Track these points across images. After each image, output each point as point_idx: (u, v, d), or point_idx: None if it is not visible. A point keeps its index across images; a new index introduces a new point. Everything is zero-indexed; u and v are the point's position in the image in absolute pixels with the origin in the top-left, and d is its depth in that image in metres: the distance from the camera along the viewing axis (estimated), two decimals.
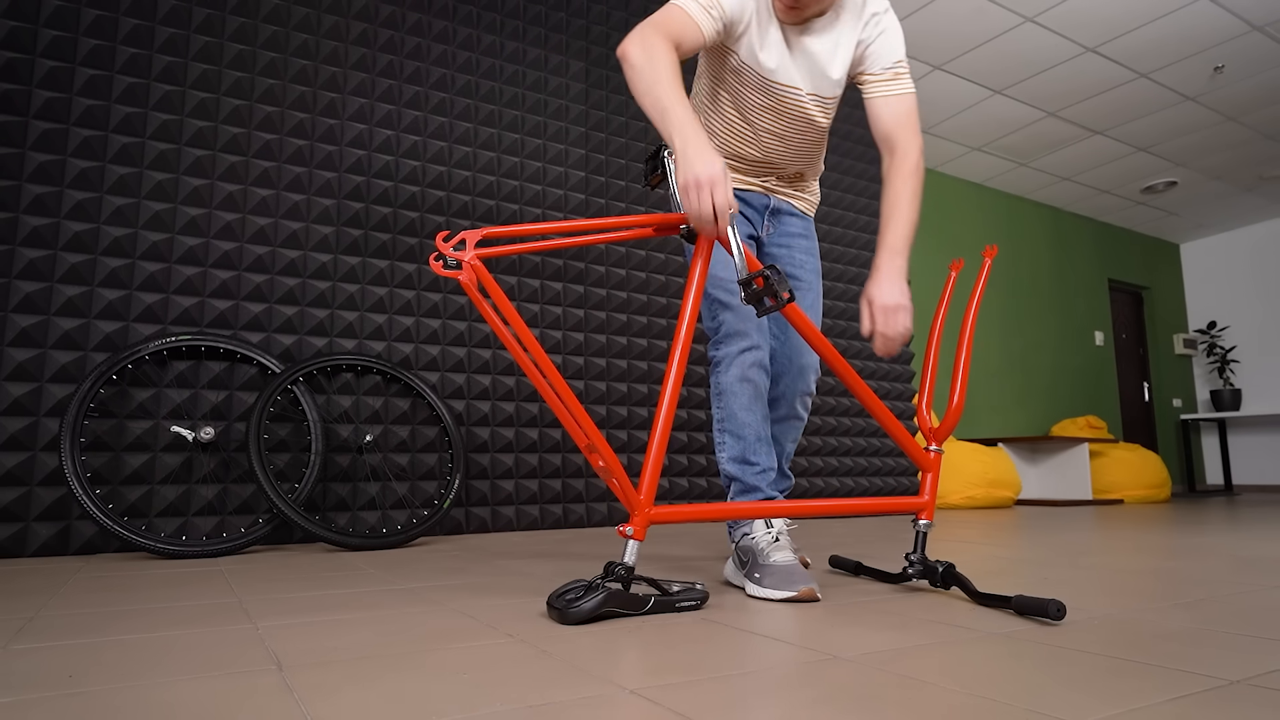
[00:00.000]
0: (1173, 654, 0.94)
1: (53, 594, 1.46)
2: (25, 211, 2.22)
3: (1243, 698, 0.76)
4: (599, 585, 1.17)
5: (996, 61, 4.46)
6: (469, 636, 1.06)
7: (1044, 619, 1.14)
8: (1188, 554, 2.03)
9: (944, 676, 0.84)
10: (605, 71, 3.38)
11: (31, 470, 2.13)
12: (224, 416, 2.40)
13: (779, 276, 1.23)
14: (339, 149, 2.72)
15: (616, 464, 1.25)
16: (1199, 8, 3.95)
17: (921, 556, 1.41)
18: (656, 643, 1.02)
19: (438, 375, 2.79)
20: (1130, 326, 7.39)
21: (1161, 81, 4.68)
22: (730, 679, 0.84)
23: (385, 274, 2.74)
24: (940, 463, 1.49)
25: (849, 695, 0.78)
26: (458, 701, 0.76)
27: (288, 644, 1.03)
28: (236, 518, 2.36)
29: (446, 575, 1.68)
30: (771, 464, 1.59)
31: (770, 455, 1.59)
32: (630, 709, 0.74)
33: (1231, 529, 2.84)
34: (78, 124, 2.32)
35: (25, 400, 2.14)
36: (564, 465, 3.00)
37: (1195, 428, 7.55)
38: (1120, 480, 5.16)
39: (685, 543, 2.37)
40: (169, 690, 0.81)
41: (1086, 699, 0.76)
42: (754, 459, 1.57)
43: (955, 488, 4.29)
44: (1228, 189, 6.43)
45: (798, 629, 1.10)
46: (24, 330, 2.17)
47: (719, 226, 1.25)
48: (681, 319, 1.33)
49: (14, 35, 2.26)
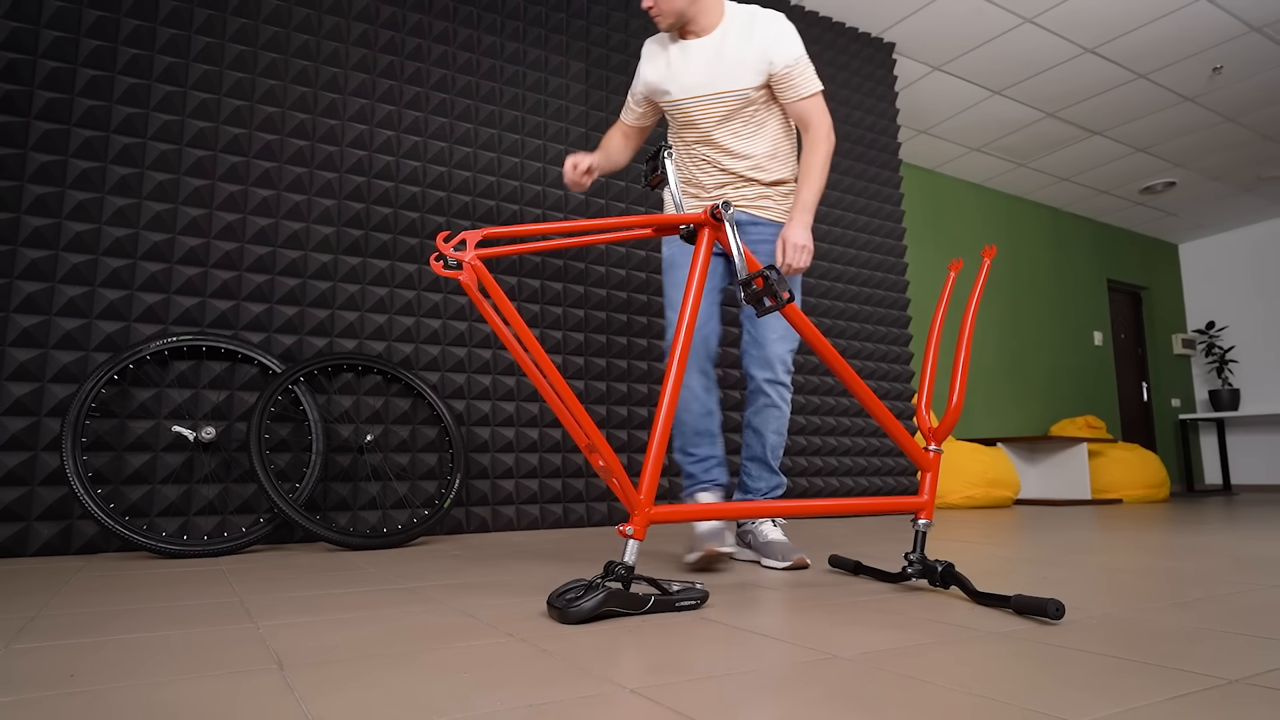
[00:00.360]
0: (1171, 653, 0.94)
1: (54, 593, 1.46)
2: (27, 212, 2.22)
3: (1241, 696, 0.76)
4: (599, 585, 1.17)
5: (996, 62, 4.46)
6: (470, 635, 1.06)
7: (1043, 618, 1.14)
8: (1186, 553, 2.03)
9: (943, 675, 0.84)
10: (605, 72, 3.38)
11: (33, 470, 2.13)
12: (225, 416, 2.40)
13: (779, 277, 1.23)
14: (340, 149, 2.72)
15: (616, 464, 1.25)
16: (1198, 8, 3.94)
17: (921, 556, 1.41)
18: (656, 642, 1.02)
19: (438, 375, 2.79)
20: (1129, 326, 7.39)
21: (1160, 82, 4.68)
22: (730, 678, 0.84)
23: (386, 274, 2.74)
24: (939, 462, 1.49)
25: (849, 694, 0.78)
26: (458, 700, 0.76)
27: (288, 643, 1.03)
28: (237, 517, 2.36)
29: (447, 574, 1.68)
30: (712, 453, 1.88)
31: (711, 446, 1.89)
32: (630, 708, 0.74)
33: (1230, 528, 2.84)
34: (79, 124, 2.32)
35: (27, 400, 2.14)
36: (564, 465, 3.00)
37: (1194, 427, 7.55)
38: (1119, 480, 5.16)
39: (683, 542, 2.37)
40: (170, 689, 0.81)
41: (1085, 698, 0.76)
42: (692, 450, 1.88)
43: (954, 487, 4.29)
44: (1226, 189, 6.43)
45: (797, 628, 1.10)
46: (25, 330, 2.17)
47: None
48: (681, 319, 1.33)
49: (15, 36, 2.26)
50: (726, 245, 1.34)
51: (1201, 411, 7.62)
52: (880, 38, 4.27)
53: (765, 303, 1.25)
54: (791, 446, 3.61)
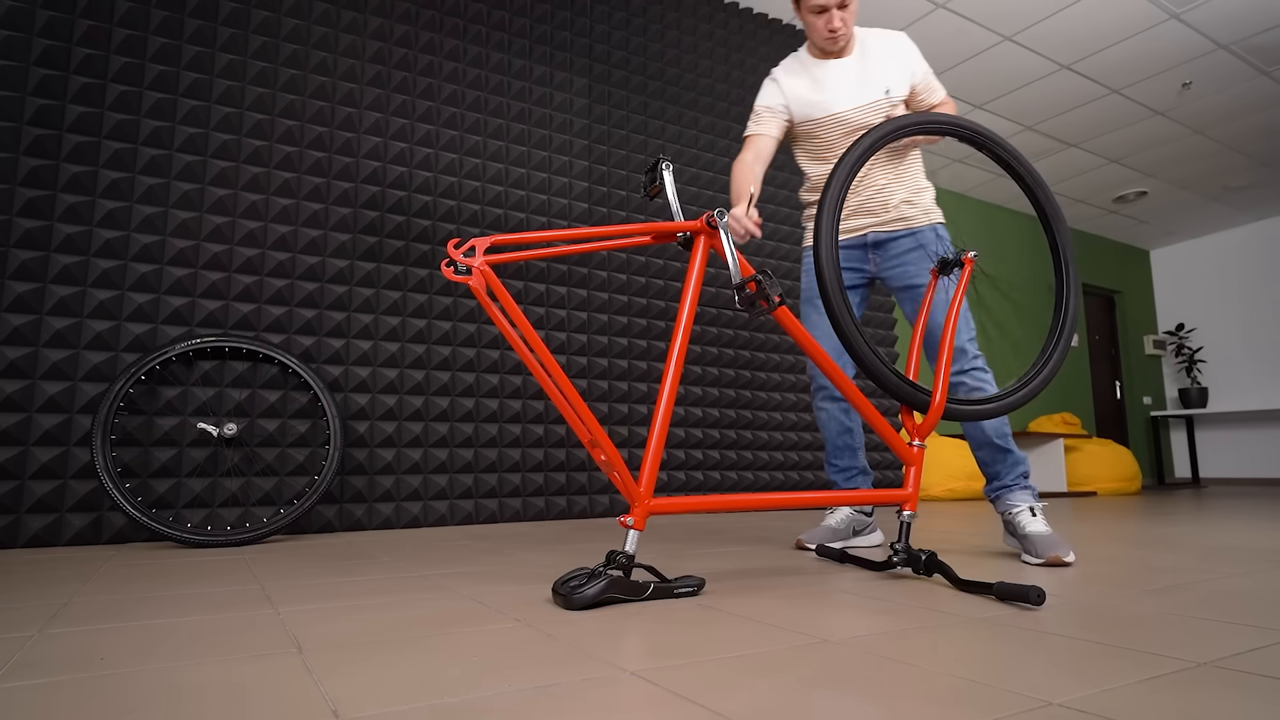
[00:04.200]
0: (1144, 638, 0.94)
1: (85, 581, 1.46)
2: (59, 220, 2.22)
3: (1209, 679, 0.76)
4: (601, 573, 1.17)
5: (977, 78, 4.46)
6: (479, 621, 1.06)
7: (1024, 604, 1.14)
8: (1158, 543, 2.03)
9: (928, 659, 0.84)
10: (607, 87, 3.38)
11: (65, 464, 2.13)
12: (247, 414, 2.40)
13: (770, 280, 1.23)
14: (355, 160, 2.72)
15: (618, 458, 1.25)
16: (1168, 27, 3.94)
17: (905, 545, 1.41)
18: (656, 627, 1.02)
19: (449, 374, 2.79)
20: (1103, 328, 7.39)
21: (1133, 97, 4.68)
22: (726, 661, 0.84)
23: (399, 278, 2.74)
24: (923, 457, 1.49)
25: (839, 676, 0.78)
26: (468, 682, 0.76)
27: (307, 628, 1.03)
28: (259, 509, 2.36)
29: (458, 563, 1.68)
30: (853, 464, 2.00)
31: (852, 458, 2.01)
32: (631, 689, 0.74)
33: (1199, 520, 2.84)
34: (109, 137, 2.32)
35: (60, 398, 2.14)
36: (568, 459, 3.00)
37: (1164, 424, 7.55)
38: (1094, 474, 5.16)
39: (680, 533, 2.37)
40: (195, 671, 0.81)
41: (1063, 679, 0.76)
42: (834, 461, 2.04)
43: (937, 480, 4.29)
44: (1195, 198, 6.43)
45: (789, 614, 1.10)
46: (58, 332, 2.17)
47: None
48: (679, 321, 1.33)
49: (48, 54, 2.26)
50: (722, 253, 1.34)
51: (1172, 409, 7.62)
52: None
53: (758, 306, 1.25)
54: (783, 441, 3.61)
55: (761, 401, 3.57)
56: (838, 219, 1.41)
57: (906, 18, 3.89)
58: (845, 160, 1.45)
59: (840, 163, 1.45)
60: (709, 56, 3.72)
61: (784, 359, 3.68)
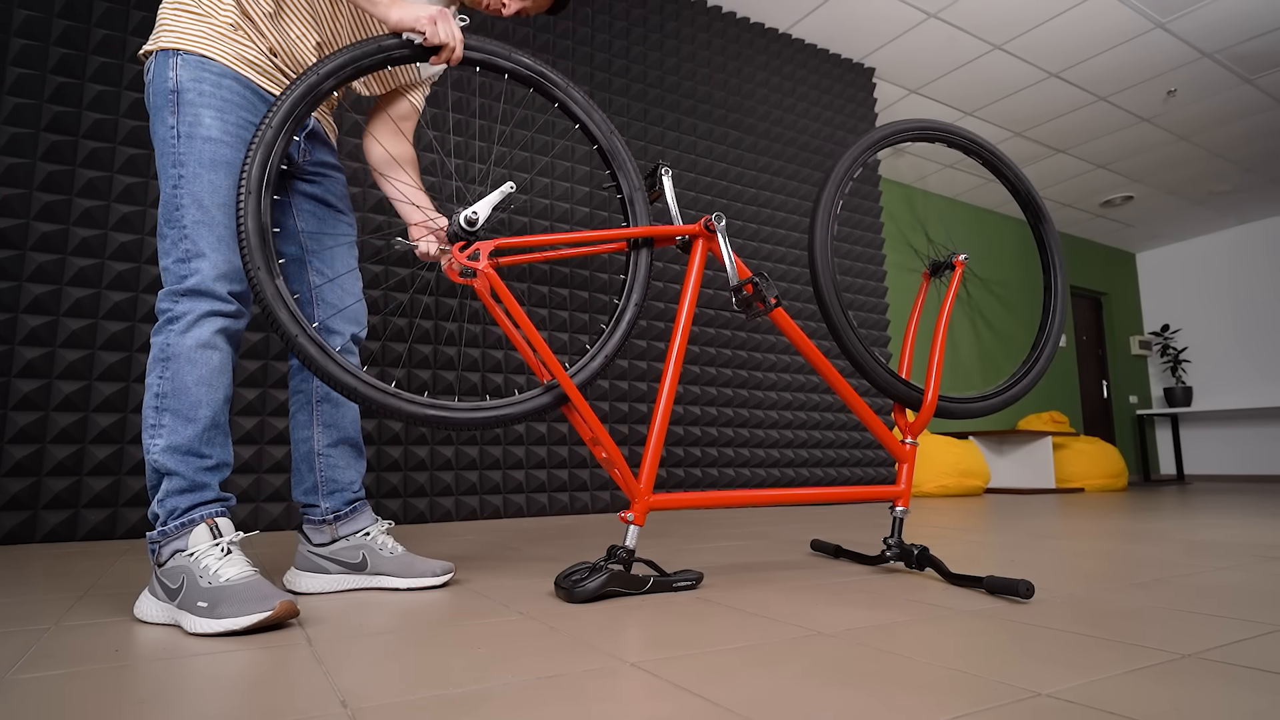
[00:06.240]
0: (1130, 630, 0.94)
1: (101, 574, 1.46)
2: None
3: (1193, 670, 0.76)
4: (602, 567, 1.17)
5: (968, 86, 4.46)
6: (484, 614, 1.06)
7: (1014, 598, 1.14)
8: (1144, 538, 2.03)
9: (920, 650, 0.84)
10: (607, 95, 3.38)
11: (81, 461, 2.13)
12: (258, 412, 2.39)
13: (766, 282, 1.23)
14: (364, 165, 2.72)
15: (618, 455, 1.25)
16: (1154, 36, 3.94)
17: (898, 540, 1.41)
18: (656, 620, 1.02)
19: (454, 374, 2.79)
20: (1090, 329, 7.39)
21: (1119, 104, 4.68)
22: (724, 653, 0.84)
23: (406, 281, 2.74)
24: (915, 454, 1.49)
25: (833, 667, 0.78)
26: (473, 673, 0.76)
27: (317, 620, 1.03)
28: (269, 505, 2.36)
29: (464, 558, 1.68)
30: (228, 458, 1.13)
31: (227, 448, 1.13)
32: (632, 680, 0.74)
33: (1183, 516, 2.84)
34: (123, 144, 2.31)
35: (75, 397, 2.14)
36: (570, 456, 3.00)
37: (1150, 422, 7.55)
38: (1081, 471, 5.16)
39: (680, 528, 2.37)
40: (208, 661, 0.81)
41: (1052, 670, 0.76)
42: (207, 450, 1.09)
43: (929, 477, 4.29)
44: (1180, 203, 6.43)
45: (784, 607, 1.10)
46: (74, 333, 2.17)
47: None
48: (678, 321, 1.33)
49: (64, 62, 2.26)
50: (720, 256, 1.34)
51: (1157, 407, 7.62)
52: (861, 63, 4.27)
53: (755, 308, 1.25)
54: (779, 439, 3.61)
55: (759, 400, 3.57)
56: (832, 223, 1.42)
57: (900, 27, 3.89)
58: (838, 168, 1.45)
59: (834, 170, 1.45)
60: (707, 65, 3.72)
61: (780, 359, 3.68)
